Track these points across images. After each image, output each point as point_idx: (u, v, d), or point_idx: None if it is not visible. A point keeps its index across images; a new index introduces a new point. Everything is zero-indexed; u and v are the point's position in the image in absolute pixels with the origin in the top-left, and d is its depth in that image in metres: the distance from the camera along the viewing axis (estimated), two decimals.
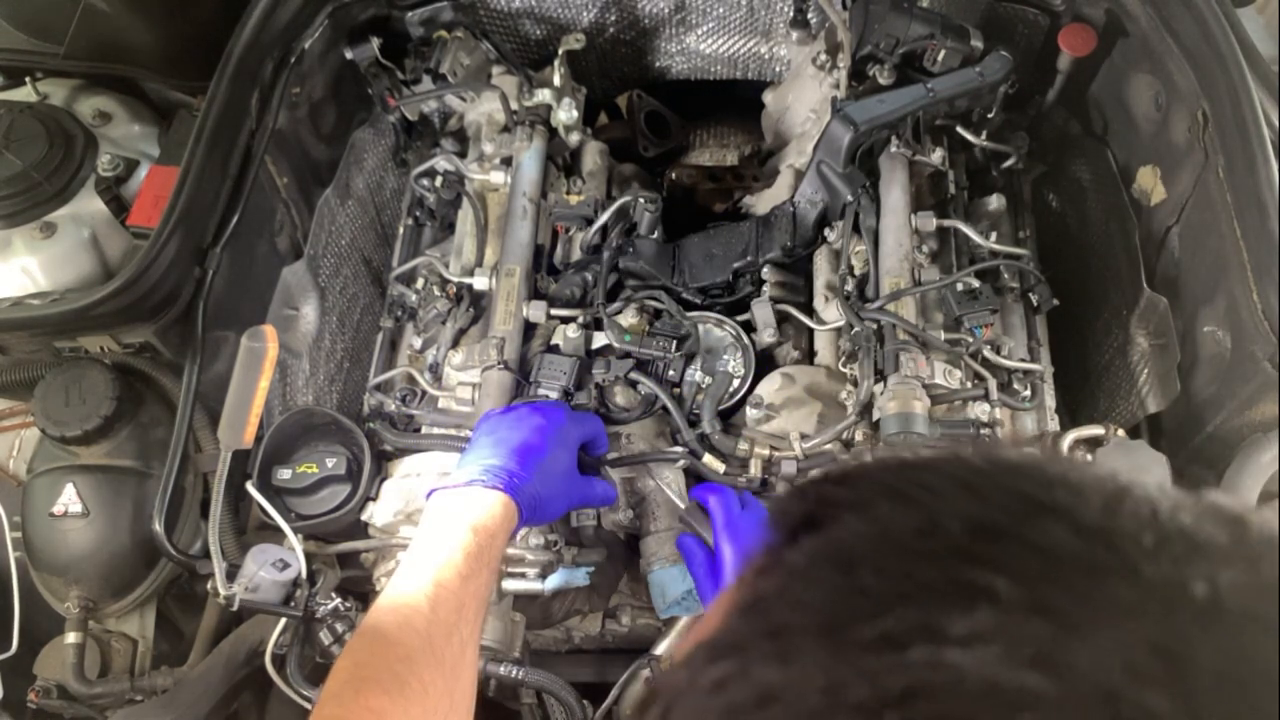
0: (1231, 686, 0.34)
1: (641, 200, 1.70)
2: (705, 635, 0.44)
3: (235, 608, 1.42)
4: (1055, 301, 1.66)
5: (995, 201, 1.79)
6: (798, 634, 0.40)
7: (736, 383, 1.60)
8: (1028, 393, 1.59)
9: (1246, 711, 0.33)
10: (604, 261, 1.67)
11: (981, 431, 1.48)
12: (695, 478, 1.54)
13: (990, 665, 0.35)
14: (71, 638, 1.51)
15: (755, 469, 1.46)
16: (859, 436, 1.51)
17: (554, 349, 1.61)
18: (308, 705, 1.43)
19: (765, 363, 1.65)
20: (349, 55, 1.87)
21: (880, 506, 0.43)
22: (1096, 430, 1.50)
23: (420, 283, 1.80)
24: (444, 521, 1.14)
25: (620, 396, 1.58)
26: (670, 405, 1.51)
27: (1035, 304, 1.67)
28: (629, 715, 1.43)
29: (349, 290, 2.03)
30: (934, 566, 0.39)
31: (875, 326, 1.54)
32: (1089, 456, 1.43)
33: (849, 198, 1.61)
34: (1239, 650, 0.35)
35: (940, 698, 0.35)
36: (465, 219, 1.80)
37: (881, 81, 1.75)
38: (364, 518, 1.54)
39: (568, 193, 1.82)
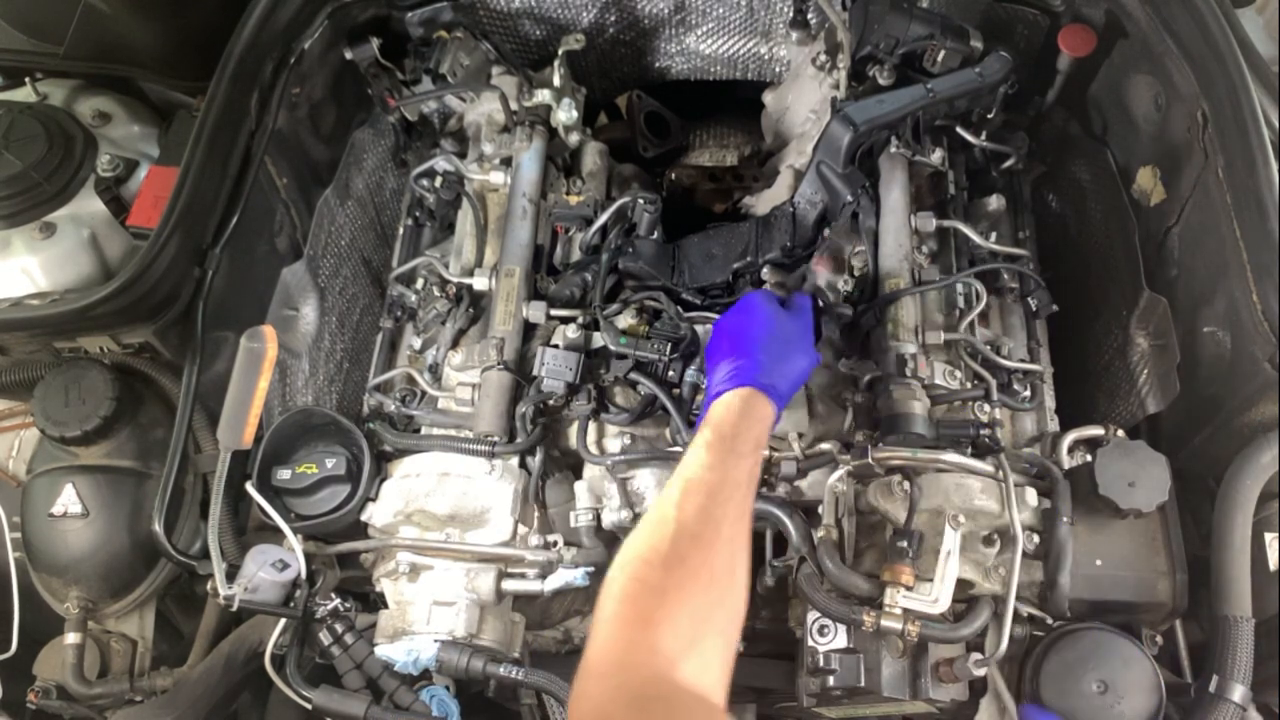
0: None
1: (641, 201, 1.70)
2: None
3: (235, 608, 1.42)
4: (1055, 307, 1.65)
5: (995, 202, 1.79)
6: None
7: None
8: (1027, 393, 1.59)
9: None
10: (602, 262, 1.67)
11: (981, 432, 1.48)
12: None
13: None
14: (71, 638, 1.52)
15: None
16: (859, 437, 1.51)
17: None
18: (307, 705, 1.44)
19: None
20: (349, 55, 1.87)
21: None
22: (1096, 430, 1.50)
23: (420, 283, 1.80)
24: (699, 430, 1.26)
25: (620, 397, 1.58)
26: (669, 406, 1.50)
27: (1034, 309, 1.66)
28: None
29: (349, 290, 2.03)
30: None
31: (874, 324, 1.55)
32: (1088, 457, 1.43)
33: (848, 198, 1.61)
34: None
35: None
36: (465, 219, 1.80)
37: (881, 82, 1.74)
38: (364, 518, 1.54)
39: (567, 193, 1.82)
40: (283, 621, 1.47)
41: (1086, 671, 1.32)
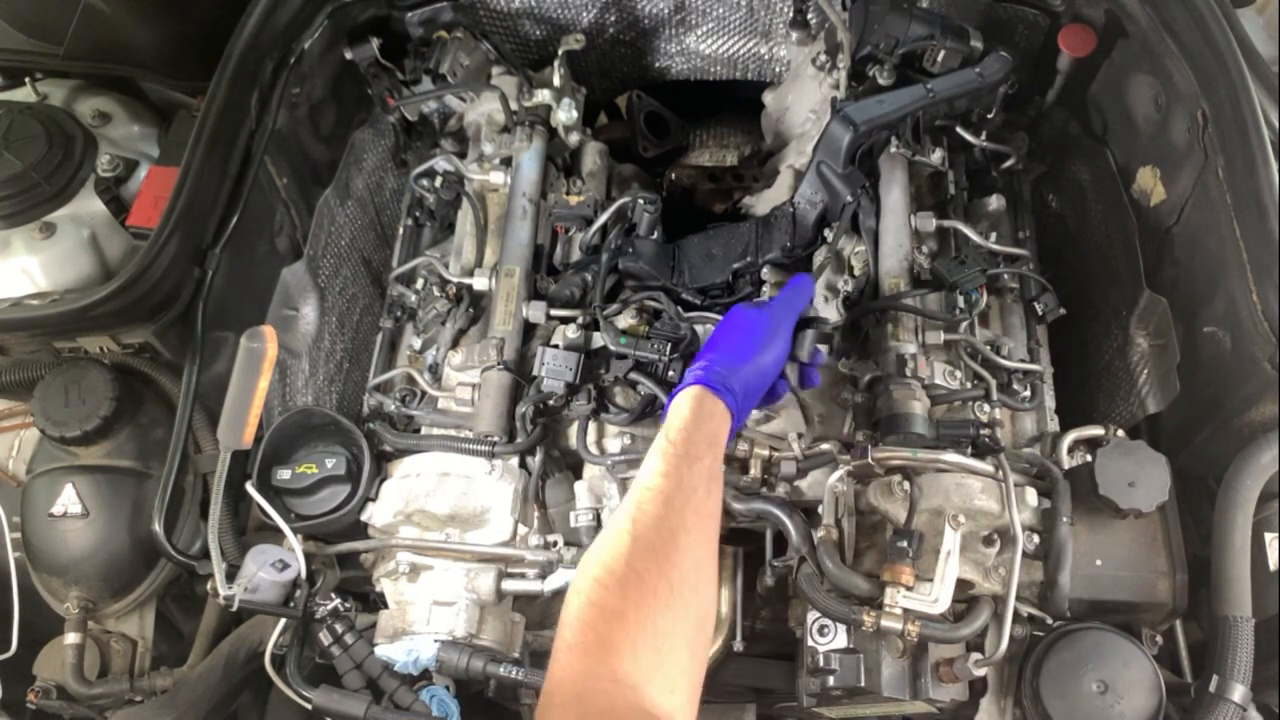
0: None
1: (641, 201, 1.70)
2: None
3: (235, 608, 1.42)
4: (1062, 311, 1.65)
5: (995, 202, 1.79)
6: None
7: None
8: (1027, 393, 1.59)
9: None
10: (603, 262, 1.67)
11: (981, 431, 1.48)
12: None
13: None
14: (71, 638, 1.52)
15: (755, 469, 1.46)
16: (859, 437, 1.51)
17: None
18: (307, 705, 1.44)
19: None
20: (349, 55, 1.87)
21: None
22: (1096, 430, 1.50)
23: (420, 283, 1.80)
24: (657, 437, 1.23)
25: (620, 397, 1.58)
26: None
27: (1040, 314, 1.66)
28: None
29: (348, 291, 2.03)
30: None
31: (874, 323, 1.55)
32: (1088, 457, 1.43)
33: (848, 198, 1.61)
34: None
35: None
36: (465, 219, 1.81)
37: (881, 82, 1.74)
38: (363, 518, 1.54)
39: (567, 193, 1.82)
40: (283, 621, 1.47)
41: (1086, 671, 1.32)
